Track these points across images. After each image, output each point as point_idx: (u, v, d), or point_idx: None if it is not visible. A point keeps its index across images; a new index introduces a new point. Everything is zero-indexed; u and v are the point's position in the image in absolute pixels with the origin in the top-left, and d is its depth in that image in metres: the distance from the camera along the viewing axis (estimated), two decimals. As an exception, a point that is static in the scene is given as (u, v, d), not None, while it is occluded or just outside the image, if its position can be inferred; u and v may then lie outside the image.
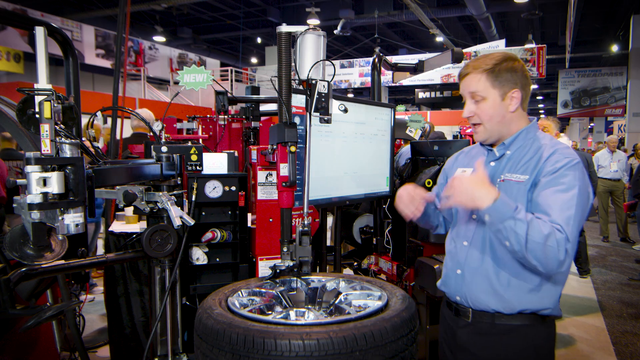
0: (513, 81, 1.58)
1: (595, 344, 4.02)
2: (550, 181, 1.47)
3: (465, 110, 1.63)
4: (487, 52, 15.71)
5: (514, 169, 1.58)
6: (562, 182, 1.46)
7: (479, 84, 1.58)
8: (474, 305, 1.62)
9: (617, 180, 8.26)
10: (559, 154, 1.52)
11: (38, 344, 2.59)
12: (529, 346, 1.57)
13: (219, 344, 1.49)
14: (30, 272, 1.67)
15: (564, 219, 1.40)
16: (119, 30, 3.40)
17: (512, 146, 1.62)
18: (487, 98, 1.58)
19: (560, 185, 1.45)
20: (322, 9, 15.28)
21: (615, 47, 18.32)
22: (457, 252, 1.68)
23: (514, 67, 1.58)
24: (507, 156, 1.62)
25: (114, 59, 5.76)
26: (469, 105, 1.62)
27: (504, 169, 1.61)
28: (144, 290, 2.99)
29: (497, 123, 1.60)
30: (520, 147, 1.61)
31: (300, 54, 2.02)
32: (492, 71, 1.57)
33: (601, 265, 6.70)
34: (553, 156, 1.51)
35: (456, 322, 1.69)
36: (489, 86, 1.57)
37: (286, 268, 1.98)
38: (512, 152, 1.62)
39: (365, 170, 3.08)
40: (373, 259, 3.41)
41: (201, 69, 3.12)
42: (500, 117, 1.59)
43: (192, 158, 2.13)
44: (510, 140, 1.62)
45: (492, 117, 1.59)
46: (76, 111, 1.75)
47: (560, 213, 1.41)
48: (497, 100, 1.58)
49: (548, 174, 1.49)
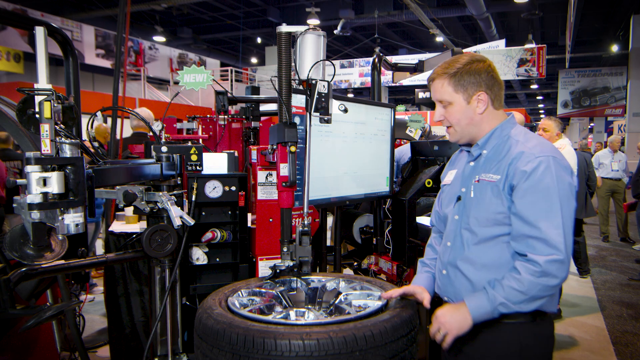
0: (477, 84, 1.58)
1: (595, 344, 4.02)
2: (528, 189, 1.46)
3: (436, 114, 1.67)
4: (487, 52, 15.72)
5: (488, 168, 1.59)
6: (540, 188, 1.45)
7: (443, 89, 1.60)
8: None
9: (617, 180, 8.27)
10: (529, 154, 1.49)
11: (38, 344, 2.59)
12: (514, 345, 1.54)
13: (219, 344, 1.49)
14: (30, 272, 1.67)
15: (554, 235, 1.43)
16: (119, 30, 3.40)
17: (486, 146, 1.62)
18: (453, 103, 1.60)
19: (540, 193, 1.45)
20: (322, 9, 15.28)
21: (615, 47, 18.32)
22: (443, 253, 1.70)
23: (477, 70, 1.57)
24: (484, 156, 1.63)
25: (114, 59, 5.76)
26: (438, 109, 1.65)
27: (480, 169, 1.61)
28: (144, 290, 2.99)
29: (467, 125, 1.61)
30: (495, 145, 1.61)
31: (300, 54, 2.02)
32: (453, 76, 1.58)
33: (601, 265, 6.70)
34: (523, 156, 1.50)
35: None
36: (451, 91, 1.59)
37: (286, 268, 1.98)
38: (488, 152, 1.62)
39: (365, 170, 3.08)
40: (373, 259, 3.40)
41: (201, 69, 3.12)
42: (469, 119, 1.60)
43: (192, 158, 2.13)
44: (483, 140, 1.63)
45: (460, 120, 1.61)
46: (76, 111, 1.75)
47: (548, 226, 1.43)
48: (463, 104, 1.59)
49: (523, 179, 1.47)
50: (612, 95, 19.12)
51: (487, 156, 1.61)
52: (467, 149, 1.70)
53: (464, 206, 1.63)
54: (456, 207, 1.65)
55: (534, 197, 1.46)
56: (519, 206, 1.47)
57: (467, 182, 1.64)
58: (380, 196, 3.25)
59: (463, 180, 1.67)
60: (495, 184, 1.53)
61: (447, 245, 1.68)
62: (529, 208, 1.46)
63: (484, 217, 1.55)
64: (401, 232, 3.13)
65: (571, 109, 19.86)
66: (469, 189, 1.61)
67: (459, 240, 1.63)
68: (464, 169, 1.69)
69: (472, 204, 1.58)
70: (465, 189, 1.64)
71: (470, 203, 1.59)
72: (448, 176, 1.78)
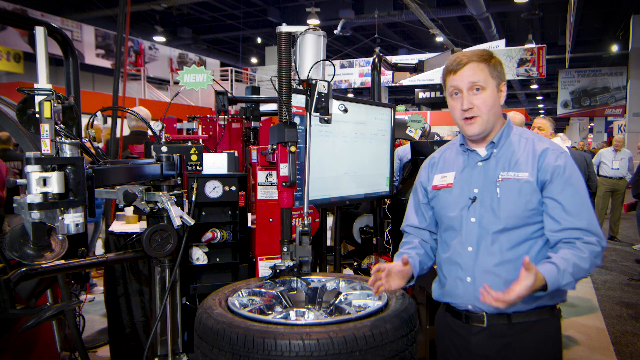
0: (503, 74, 1.60)
1: (595, 345, 4.01)
2: (566, 182, 1.51)
3: (465, 102, 1.55)
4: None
5: (509, 166, 1.56)
6: (572, 182, 1.51)
7: (481, 73, 1.55)
8: (489, 310, 1.55)
9: (619, 179, 8.25)
10: (555, 150, 1.55)
11: (38, 344, 2.59)
12: (545, 339, 1.57)
13: (219, 344, 1.49)
14: (30, 272, 1.67)
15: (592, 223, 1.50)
16: (119, 30, 3.40)
17: (499, 144, 1.60)
18: (487, 88, 1.55)
19: (573, 187, 1.51)
20: (322, 9, 15.27)
21: (615, 47, 18.31)
22: (463, 259, 1.59)
23: (500, 62, 1.60)
24: (495, 154, 1.59)
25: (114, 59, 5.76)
26: (468, 97, 1.55)
27: (497, 167, 1.57)
28: (144, 290, 2.99)
29: (494, 115, 1.58)
30: (505, 144, 1.60)
31: (300, 54, 2.02)
32: (489, 61, 1.56)
33: (601, 265, 6.69)
34: (550, 152, 1.54)
35: (468, 330, 1.60)
36: (488, 75, 1.56)
37: (286, 268, 1.98)
38: (498, 150, 1.60)
39: (365, 170, 3.07)
40: (373, 259, 3.40)
41: (201, 69, 3.11)
42: (497, 108, 1.59)
43: (192, 158, 2.13)
44: (497, 137, 1.60)
45: (492, 108, 1.56)
46: (76, 111, 1.75)
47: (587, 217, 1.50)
48: (495, 90, 1.57)
49: (559, 173, 1.51)
50: (612, 95, 19.11)
51: (497, 155, 1.59)
52: (468, 149, 1.64)
53: (482, 207, 1.56)
54: (471, 209, 1.58)
55: (573, 190, 1.50)
56: (561, 199, 1.50)
57: (480, 182, 1.58)
58: (380, 196, 3.25)
59: (473, 181, 1.60)
60: (526, 181, 1.52)
61: (468, 250, 1.58)
62: (570, 200, 1.49)
63: (515, 214, 1.52)
64: (401, 232, 3.12)
65: (571, 109, 19.86)
66: (488, 190, 1.56)
67: (486, 243, 1.55)
68: (472, 169, 1.62)
69: (499, 204, 1.53)
70: (479, 189, 1.58)
71: (496, 203, 1.54)
72: (439, 179, 1.69)
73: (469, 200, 1.59)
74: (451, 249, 1.64)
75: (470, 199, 1.59)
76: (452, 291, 1.64)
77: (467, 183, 1.62)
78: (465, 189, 1.61)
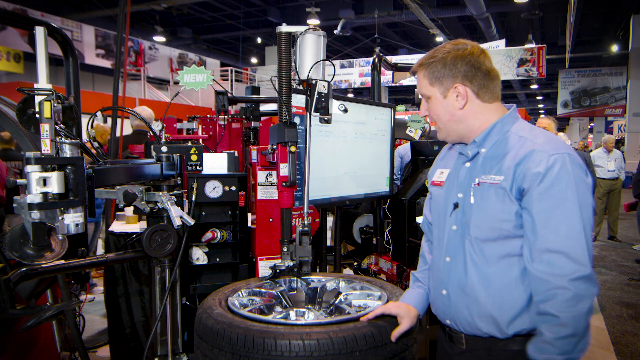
0: (452, 75, 1.39)
1: (595, 344, 4.01)
2: (543, 193, 1.26)
3: (421, 109, 1.51)
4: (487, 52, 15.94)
5: (489, 169, 1.37)
6: (556, 192, 1.25)
7: (421, 82, 1.45)
8: (464, 330, 1.42)
9: (615, 180, 8.28)
10: (541, 152, 1.28)
11: (38, 344, 2.59)
12: None
13: (219, 344, 1.49)
14: (30, 272, 1.67)
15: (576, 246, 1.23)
16: (119, 30, 3.40)
17: (485, 143, 1.41)
18: (431, 96, 1.44)
19: (556, 198, 1.25)
20: (322, 9, 15.28)
21: (615, 47, 18.32)
22: (441, 270, 1.47)
23: (453, 60, 1.38)
24: (482, 154, 1.41)
25: (114, 59, 5.76)
26: (422, 103, 1.49)
27: (480, 170, 1.40)
28: (144, 290, 2.99)
29: (448, 122, 1.44)
30: (496, 143, 1.39)
31: (300, 54, 2.02)
32: (427, 67, 1.42)
33: (601, 265, 6.69)
34: (535, 155, 1.28)
35: (452, 348, 1.49)
36: (427, 84, 1.43)
37: (286, 268, 1.98)
38: (487, 150, 1.40)
39: (365, 170, 3.08)
40: (373, 259, 3.40)
41: (201, 69, 3.11)
42: (449, 115, 1.42)
43: (192, 158, 2.13)
44: (481, 137, 1.41)
45: (440, 116, 1.44)
46: (76, 111, 1.75)
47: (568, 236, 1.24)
48: (439, 98, 1.42)
49: (536, 182, 1.26)
50: (612, 95, 19.12)
51: (486, 155, 1.40)
52: (459, 149, 1.49)
53: (462, 215, 1.41)
54: (453, 216, 1.44)
55: (551, 203, 1.25)
56: (533, 213, 1.27)
57: (464, 186, 1.42)
58: (380, 196, 3.25)
59: (459, 184, 1.45)
60: (499, 186, 1.32)
61: (446, 261, 1.45)
62: (545, 216, 1.25)
63: (487, 226, 1.34)
64: (401, 232, 3.13)
65: (571, 109, 19.87)
66: (468, 194, 1.40)
67: (461, 256, 1.40)
68: (459, 171, 1.47)
69: (473, 211, 1.37)
70: (462, 194, 1.42)
71: (471, 211, 1.38)
72: (437, 175, 1.57)
73: (452, 206, 1.45)
74: (434, 256, 1.55)
75: (453, 205, 1.45)
76: (434, 301, 1.54)
77: (454, 186, 1.47)
78: (452, 193, 1.47)
